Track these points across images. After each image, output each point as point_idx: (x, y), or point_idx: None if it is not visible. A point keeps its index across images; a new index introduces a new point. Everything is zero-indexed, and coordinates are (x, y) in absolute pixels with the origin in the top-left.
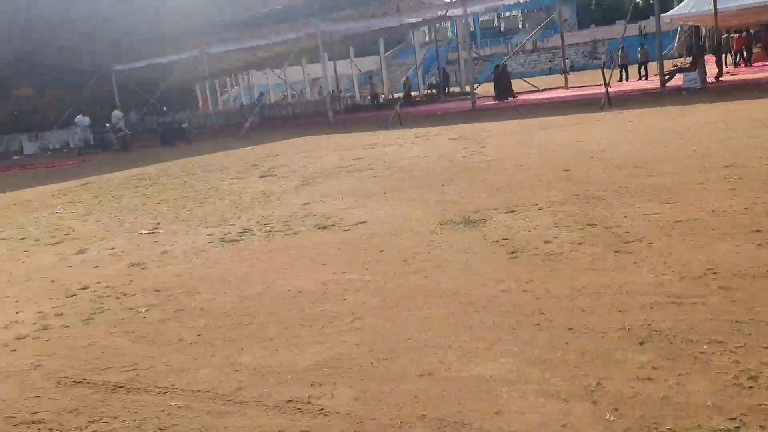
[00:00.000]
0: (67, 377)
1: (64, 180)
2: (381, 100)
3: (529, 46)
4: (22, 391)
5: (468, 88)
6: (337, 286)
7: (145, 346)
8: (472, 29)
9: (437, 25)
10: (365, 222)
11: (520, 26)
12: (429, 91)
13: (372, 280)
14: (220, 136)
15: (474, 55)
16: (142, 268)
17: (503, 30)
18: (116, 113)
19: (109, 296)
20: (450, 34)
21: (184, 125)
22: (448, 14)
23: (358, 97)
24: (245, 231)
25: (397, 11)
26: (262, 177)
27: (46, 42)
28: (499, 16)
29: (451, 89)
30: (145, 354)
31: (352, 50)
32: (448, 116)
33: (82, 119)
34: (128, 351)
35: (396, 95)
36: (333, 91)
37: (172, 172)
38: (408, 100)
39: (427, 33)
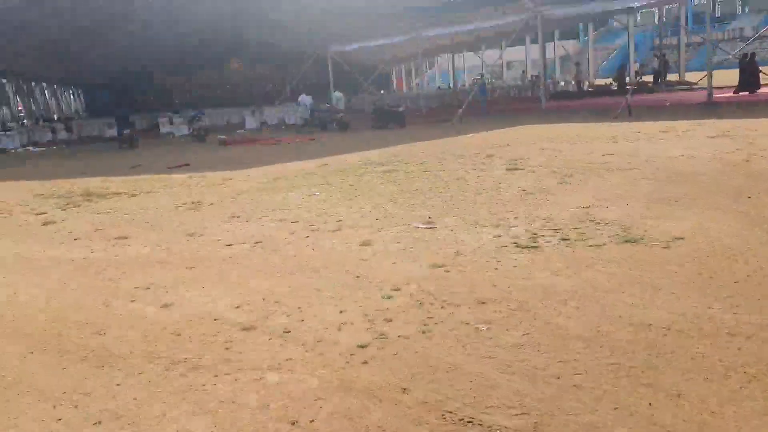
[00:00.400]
0: (450, 412)
1: (301, 158)
2: (585, 87)
3: (749, 33)
4: (404, 421)
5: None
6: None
7: (526, 383)
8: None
9: (660, 9)
10: (682, 238)
11: (739, 11)
12: (639, 79)
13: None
14: (428, 120)
15: (699, 40)
16: (446, 271)
17: (719, 15)
18: (337, 94)
19: (432, 304)
20: (656, 19)
21: (401, 109)
22: None
23: (561, 83)
24: (535, 236)
25: None
26: (508, 170)
27: (257, 20)
28: (714, 0)
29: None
30: (533, 393)
31: (557, 33)
32: (681, 109)
33: (305, 98)
34: (504, 384)
35: (603, 82)
36: (534, 76)
37: (404, 158)
38: (623, 87)
39: (630, 18)
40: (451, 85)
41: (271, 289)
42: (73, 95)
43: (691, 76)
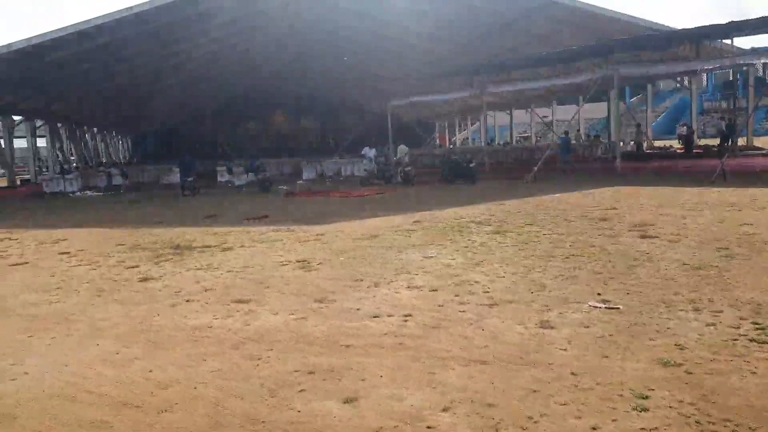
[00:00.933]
0: None
1: (387, 213)
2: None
3: None
4: None
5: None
6: None
7: None
8: (730, 78)
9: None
10: None
11: None
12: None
13: None
14: (496, 176)
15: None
16: (688, 372)
17: None
18: (402, 147)
19: (712, 423)
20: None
21: (472, 164)
22: (743, 61)
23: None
24: (765, 329)
25: (696, 56)
26: (643, 238)
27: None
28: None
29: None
30: None
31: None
32: None
33: (368, 150)
34: None
35: (662, 144)
36: (594, 136)
37: (502, 218)
38: (690, 150)
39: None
40: (498, 141)
41: (471, 386)
42: (120, 141)
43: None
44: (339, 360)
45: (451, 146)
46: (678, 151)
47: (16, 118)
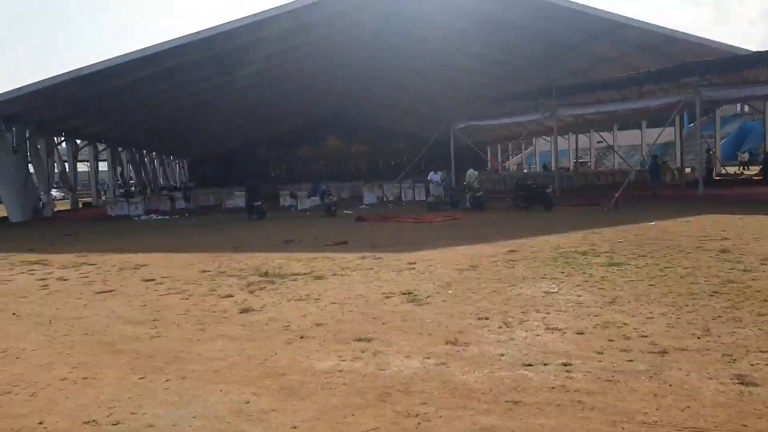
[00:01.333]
0: None
1: (477, 242)
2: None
3: None
4: None
5: None
6: None
7: None
8: None
9: None
10: None
11: None
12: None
13: None
14: (571, 203)
15: None
16: None
17: None
18: (471, 172)
19: None
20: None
21: (548, 190)
22: None
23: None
24: None
25: None
26: None
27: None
28: None
29: None
30: None
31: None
32: None
33: (434, 175)
34: None
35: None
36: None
37: (605, 249)
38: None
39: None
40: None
41: None
42: (177, 165)
43: None
44: (515, 422)
45: (525, 170)
46: (754, 177)
47: (79, 141)
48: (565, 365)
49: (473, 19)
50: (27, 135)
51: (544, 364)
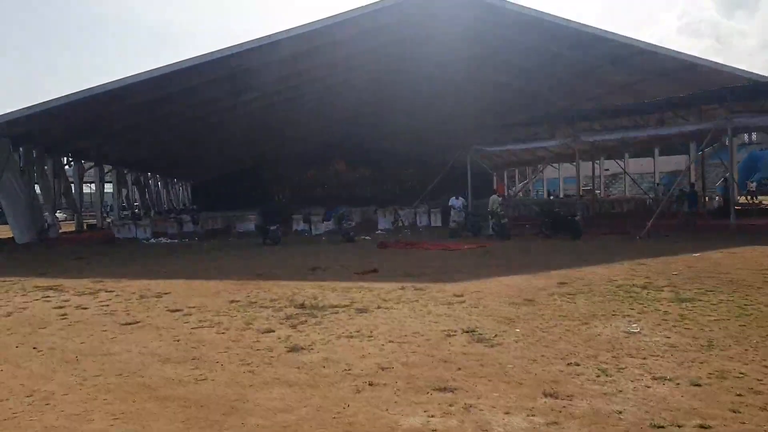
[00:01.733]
0: None
1: (519, 272)
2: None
3: None
4: None
5: None
6: None
7: None
8: None
9: None
10: None
11: None
12: None
13: None
14: (598, 232)
15: None
16: None
17: None
18: (494, 198)
19: None
20: None
21: (576, 218)
22: None
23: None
24: None
25: None
26: None
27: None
28: None
29: None
30: None
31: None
32: None
33: (456, 201)
34: None
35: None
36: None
37: (661, 283)
38: None
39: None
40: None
41: None
42: (180, 188)
43: None
44: None
45: (552, 197)
46: None
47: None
48: (703, 428)
49: (488, 44)
50: (34, 155)
51: (678, 426)
